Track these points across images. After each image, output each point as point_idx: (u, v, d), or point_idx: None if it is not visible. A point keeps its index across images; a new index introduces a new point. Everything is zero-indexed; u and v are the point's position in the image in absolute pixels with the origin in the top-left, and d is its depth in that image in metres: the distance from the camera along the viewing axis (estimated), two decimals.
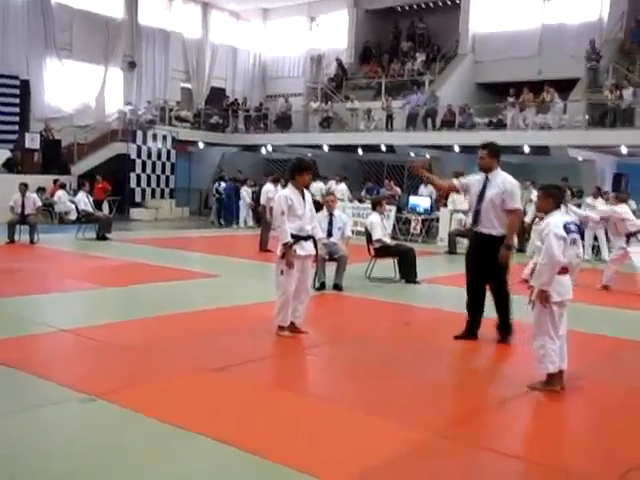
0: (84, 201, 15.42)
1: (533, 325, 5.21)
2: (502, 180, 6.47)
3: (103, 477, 3.55)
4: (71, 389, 4.78)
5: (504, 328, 6.68)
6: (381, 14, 27.04)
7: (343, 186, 19.24)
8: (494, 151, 6.58)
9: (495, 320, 6.74)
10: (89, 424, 4.30)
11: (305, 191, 6.64)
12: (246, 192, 19.67)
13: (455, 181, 7.19)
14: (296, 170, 6.54)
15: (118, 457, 3.79)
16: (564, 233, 5.01)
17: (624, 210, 10.43)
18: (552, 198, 5.26)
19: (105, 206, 19.94)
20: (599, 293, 9.96)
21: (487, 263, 6.45)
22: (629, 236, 10.21)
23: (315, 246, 6.71)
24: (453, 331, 6.77)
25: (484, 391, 5.42)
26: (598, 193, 15.23)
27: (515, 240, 14.66)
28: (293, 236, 6.40)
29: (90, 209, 15.47)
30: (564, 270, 5.08)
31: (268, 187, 14.47)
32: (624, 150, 17.73)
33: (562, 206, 5.43)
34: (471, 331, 6.74)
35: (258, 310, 7.87)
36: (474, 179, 6.73)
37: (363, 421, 4.46)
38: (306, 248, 6.54)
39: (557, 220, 5.10)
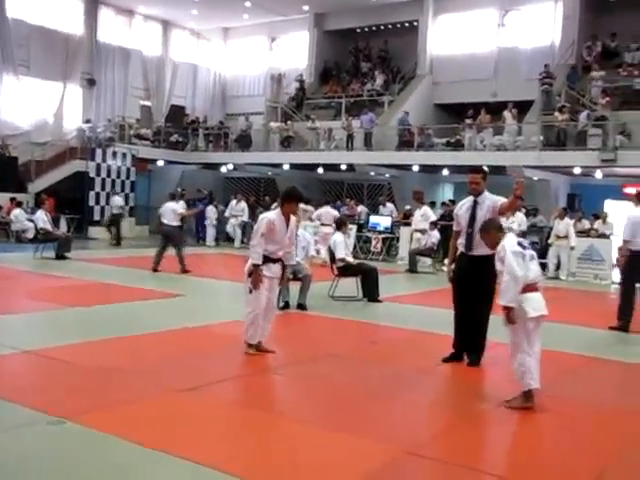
0: (43, 219, 15.18)
1: (510, 345, 5.29)
2: (489, 202, 6.52)
3: None
4: (39, 411, 4.73)
5: (477, 349, 6.64)
6: (341, 35, 27.43)
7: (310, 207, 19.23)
8: (486, 175, 6.72)
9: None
10: (57, 446, 4.27)
11: (291, 219, 6.78)
12: (212, 212, 20.78)
13: (454, 228, 6.96)
14: (286, 198, 6.78)
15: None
16: (520, 249, 5.24)
17: None
18: (496, 231, 5.50)
19: (63, 224, 19.68)
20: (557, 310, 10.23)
21: (480, 283, 6.42)
22: None
23: (283, 269, 6.85)
24: (417, 349, 6.90)
25: (454, 408, 5.51)
26: (564, 214, 14.79)
27: None
28: (264, 257, 6.52)
29: (49, 227, 15.25)
30: (533, 288, 5.23)
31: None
32: (577, 171, 18.27)
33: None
34: (459, 354, 6.69)
35: (224, 329, 7.93)
36: (461, 209, 6.75)
37: (335, 439, 4.51)
38: (272, 270, 6.69)
39: (511, 240, 5.35)
